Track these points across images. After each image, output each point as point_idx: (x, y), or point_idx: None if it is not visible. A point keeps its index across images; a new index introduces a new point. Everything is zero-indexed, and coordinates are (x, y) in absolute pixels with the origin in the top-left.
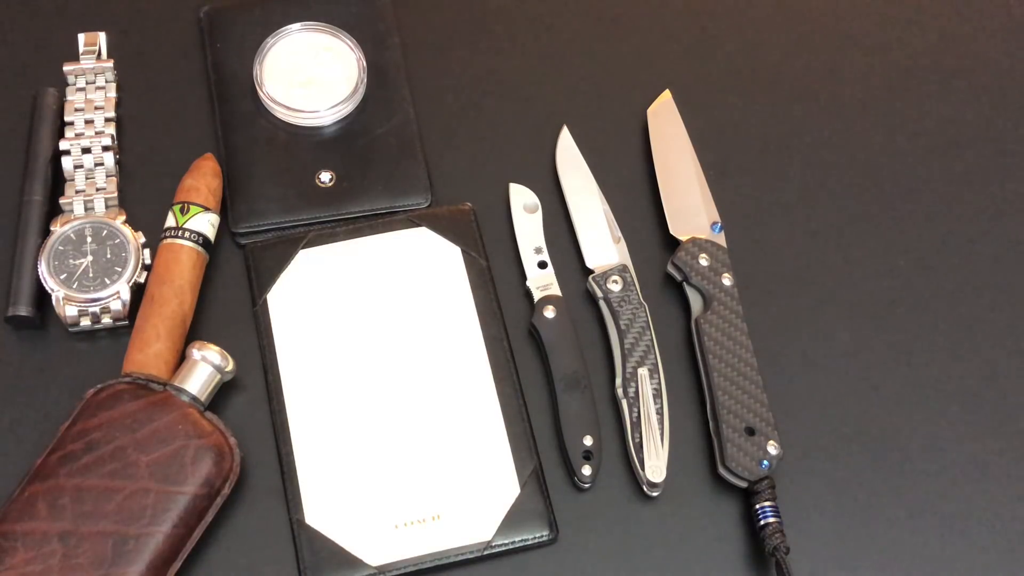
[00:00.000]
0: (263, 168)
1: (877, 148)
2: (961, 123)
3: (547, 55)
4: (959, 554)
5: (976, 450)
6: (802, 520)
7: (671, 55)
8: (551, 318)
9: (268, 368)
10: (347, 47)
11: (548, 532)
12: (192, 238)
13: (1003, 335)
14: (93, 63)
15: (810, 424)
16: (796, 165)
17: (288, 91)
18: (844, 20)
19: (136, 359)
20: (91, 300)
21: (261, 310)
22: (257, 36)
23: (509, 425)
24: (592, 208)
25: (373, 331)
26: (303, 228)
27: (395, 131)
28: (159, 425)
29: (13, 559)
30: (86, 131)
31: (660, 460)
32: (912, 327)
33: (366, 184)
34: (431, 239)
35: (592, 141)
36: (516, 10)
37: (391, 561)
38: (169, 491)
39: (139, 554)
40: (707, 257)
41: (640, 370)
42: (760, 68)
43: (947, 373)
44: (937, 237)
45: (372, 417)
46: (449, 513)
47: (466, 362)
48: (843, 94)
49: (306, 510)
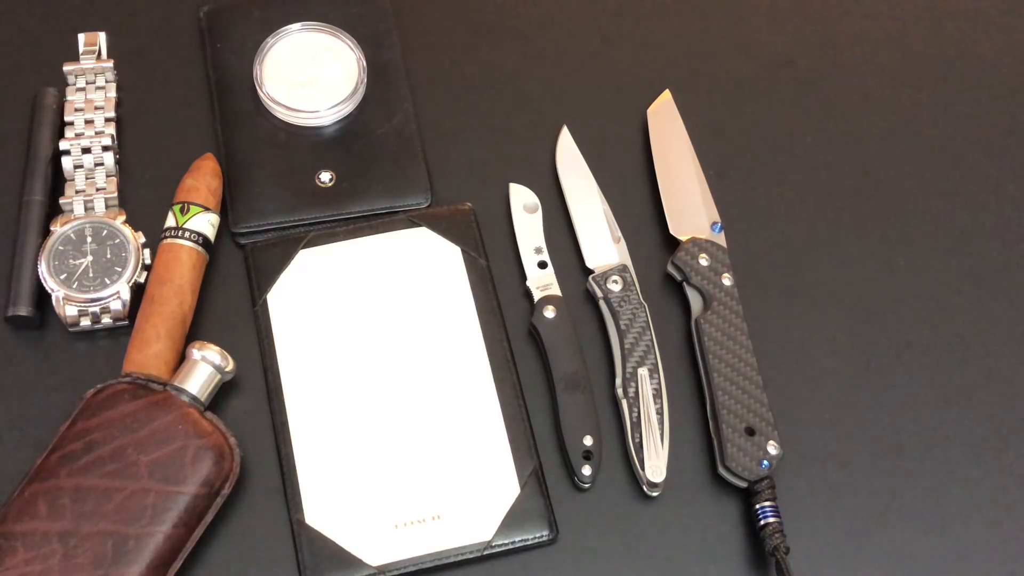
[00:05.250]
0: (263, 168)
1: (877, 148)
2: (962, 123)
3: (547, 55)
4: (959, 554)
5: (976, 450)
6: (802, 520)
7: (671, 55)
8: (551, 318)
9: (268, 368)
10: (347, 47)
11: (548, 532)
12: (192, 238)
13: (1003, 335)
14: (93, 63)
15: (810, 424)
16: (796, 165)
17: (288, 91)
18: (844, 20)
19: (136, 359)
20: (91, 300)
21: (261, 310)
22: (257, 36)
23: (509, 425)
24: (592, 208)
25: (373, 331)
26: (303, 228)
27: (395, 131)
28: (159, 425)
29: (13, 559)
30: (86, 131)
31: (660, 460)
32: (912, 327)
33: (366, 184)
34: (431, 239)
35: (592, 141)
36: (516, 10)
37: (391, 561)
38: (169, 491)
39: (139, 554)
40: (707, 257)
41: (640, 370)
42: (760, 68)
43: (947, 373)
44: (937, 237)
45: (372, 417)
46: (449, 513)
47: (466, 362)
48: (843, 94)
49: (306, 510)
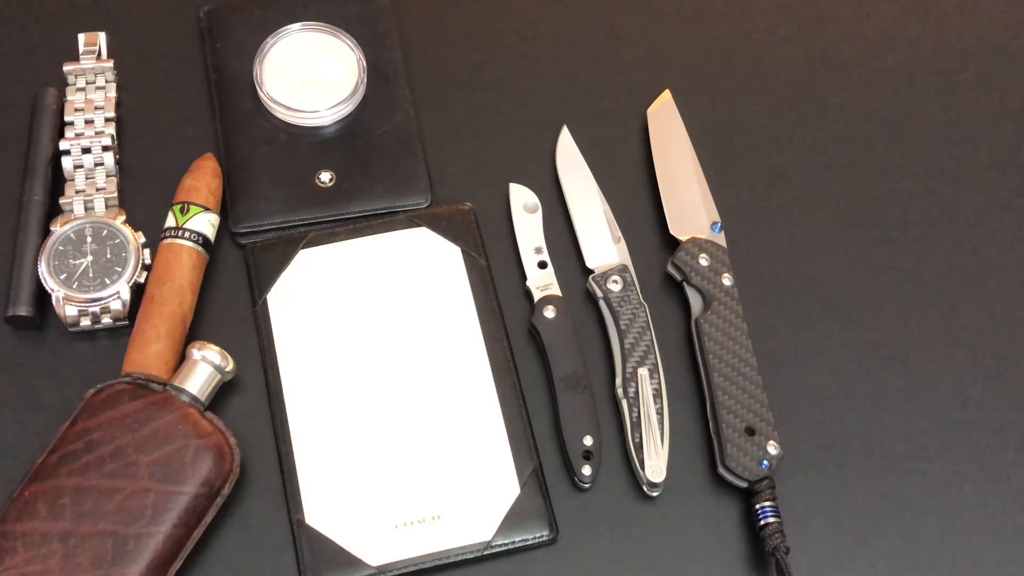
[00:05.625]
0: (263, 168)
1: (877, 148)
2: (962, 124)
3: (547, 55)
4: (959, 554)
5: (976, 450)
6: (802, 520)
7: (671, 55)
8: (551, 318)
9: (268, 368)
10: (347, 47)
11: (548, 532)
12: (192, 238)
13: (1003, 335)
14: (93, 63)
15: (810, 424)
16: (796, 165)
17: (288, 91)
18: (844, 20)
19: (136, 359)
20: (91, 300)
21: (261, 310)
22: (257, 36)
23: (509, 425)
24: (592, 208)
25: (373, 331)
26: (303, 228)
27: (395, 131)
28: (159, 425)
29: (13, 559)
30: (86, 131)
31: (660, 460)
32: (912, 327)
33: (366, 184)
34: (431, 239)
35: (592, 141)
36: (516, 10)
37: (391, 561)
38: (169, 491)
39: (139, 554)
40: (707, 257)
41: (640, 370)
42: (760, 68)
43: (947, 373)
44: (937, 237)
45: (372, 417)
46: (449, 513)
47: (466, 362)
48: (843, 94)
49: (306, 510)
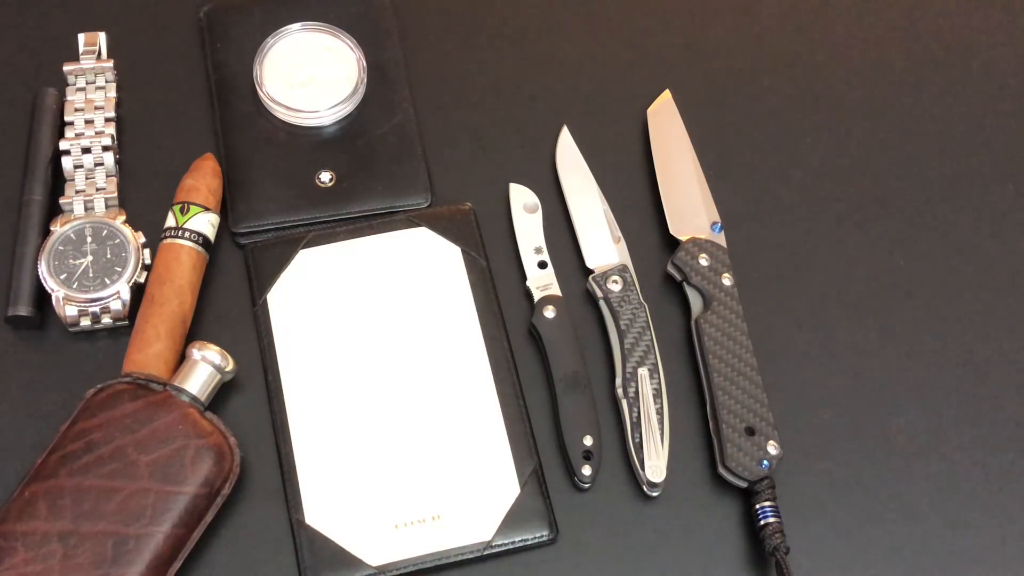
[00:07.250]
0: (263, 168)
1: (877, 148)
2: (962, 123)
3: (547, 55)
4: (959, 554)
5: (976, 450)
6: (802, 520)
7: (671, 55)
8: (551, 318)
9: (268, 368)
10: (347, 47)
11: (548, 532)
12: (192, 238)
13: (1003, 335)
14: (93, 63)
15: (810, 424)
16: (796, 165)
17: (288, 91)
18: (844, 20)
19: (136, 359)
20: (91, 300)
21: (261, 310)
22: (257, 36)
23: (509, 425)
24: (592, 208)
25: (373, 331)
26: (303, 228)
27: (395, 131)
28: (159, 425)
29: (13, 559)
30: (86, 131)
31: (660, 460)
32: (912, 327)
33: (366, 184)
34: (431, 239)
35: (592, 141)
36: (516, 10)
37: (391, 561)
38: (169, 491)
39: (139, 554)
40: (707, 257)
41: (640, 370)
42: (760, 68)
43: (947, 373)
44: (937, 237)
45: (372, 417)
46: (449, 513)
47: (466, 362)
48: (843, 94)
49: (306, 510)
